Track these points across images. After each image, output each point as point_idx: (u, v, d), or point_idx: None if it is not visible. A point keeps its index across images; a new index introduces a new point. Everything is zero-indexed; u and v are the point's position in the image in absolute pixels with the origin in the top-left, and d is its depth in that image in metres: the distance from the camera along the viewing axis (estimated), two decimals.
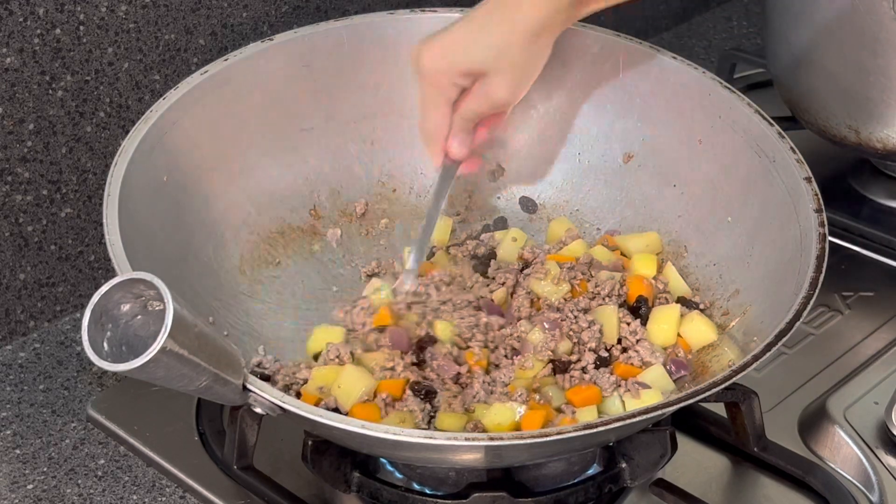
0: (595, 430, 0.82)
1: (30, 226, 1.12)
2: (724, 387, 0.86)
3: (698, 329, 1.04)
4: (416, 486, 0.96)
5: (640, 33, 1.18)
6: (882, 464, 0.99)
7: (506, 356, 1.03)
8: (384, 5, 1.31)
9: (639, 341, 1.04)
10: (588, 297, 1.07)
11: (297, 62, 1.14)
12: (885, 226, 1.29)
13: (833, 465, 1.01)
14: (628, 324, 1.05)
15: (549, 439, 0.81)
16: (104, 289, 0.78)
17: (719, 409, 1.02)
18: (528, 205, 1.20)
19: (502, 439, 0.82)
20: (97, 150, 1.14)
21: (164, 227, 1.01)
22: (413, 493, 0.95)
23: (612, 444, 0.96)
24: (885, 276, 1.24)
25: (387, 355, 1.01)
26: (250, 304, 1.07)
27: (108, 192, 0.94)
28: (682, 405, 0.85)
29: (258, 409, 0.86)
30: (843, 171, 1.38)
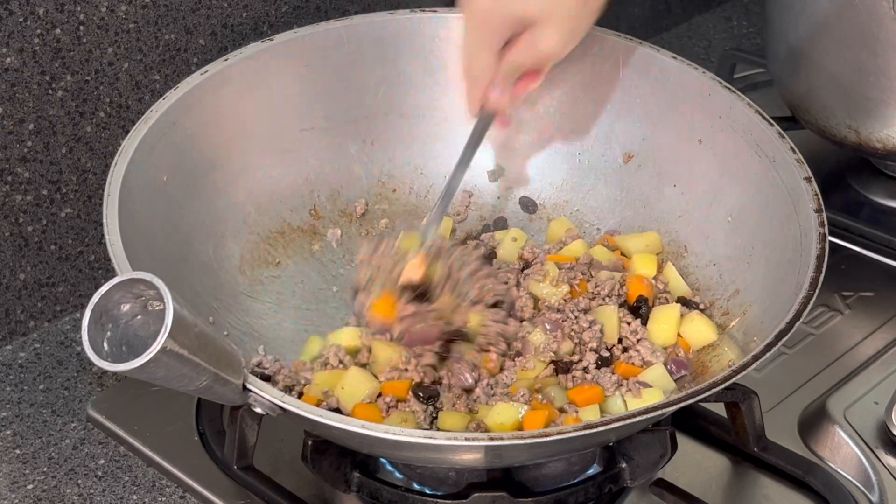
0: (595, 430, 0.81)
1: (30, 226, 1.12)
2: (724, 387, 0.86)
3: (698, 329, 1.04)
4: (416, 486, 0.96)
5: (640, 33, 1.18)
6: (882, 464, 0.99)
7: (508, 357, 1.03)
8: (384, 5, 1.31)
9: (639, 341, 1.04)
10: (588, 297, 1.07)
11: (297, 62, 1.14)
12: (885, 226, 1.29)
13: (833, 465, 1.01)
14: (629, 324, 1.05)
15: (549, 439, 0.81)
16: (104, 289, 0.77)
17: (719, 409, 1.02)
18: (528, 205, 1.20)
19: (502, 439, 0.82)
20: (97, 150, 1.14)
21: (164, 227, 1.01)
22: (413, 493, 0.95)
23: (612, 444, 0.96)
24: (885, 276, 1.24)
25: (401, 355, 1.00)
26: (250, 304, 1.07)
27: (108, 192, 0.94)
28: (682, 405, 0.85)
29: (258, 409, 0.86)
30: (843, 171, 1.38)
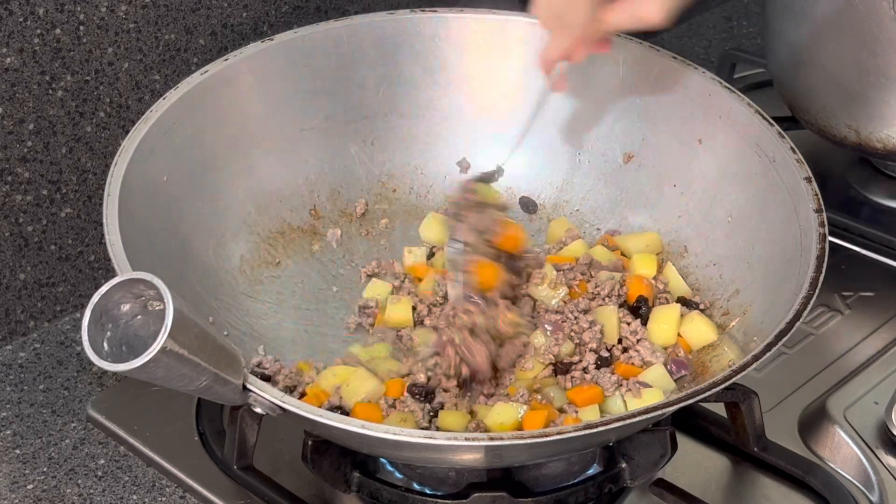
0: (595, 430, 0.81)
1: (30, 226, 1.12)
2: (724, 387, 0.86)
3: (698, 329, 1.04)
4: (416, 486, 0.96)
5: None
6: (882, 464, 0.99)
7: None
8: (384, 5, 1.31)
9: (639, 341, 1.04)
10: (588, 297, 1.07)
11: (297, 62, 1.14)
12: (885, 226, 1.29)
13: (833, 465, 1.01)
14: (628, 324, 1.05)
15: (549, 439, 0.81)
16: (104, 289, 0.77)
17: (719, 409, 1.02)
18: (528, 205, 1.20)
19: (502, 439, 0.82)
20: (97, 150, 1.14)
21: (164, 227, 1.01)
22: (413, 493, 0.95)
23: (612, 444, 0.96)
24: (885, 276, 1.24)
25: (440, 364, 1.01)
26: (250, 304, 1.07)
27: (108, 192, 0.95)
28: (682, 405, 0.85)
29: (258, 409, 0.86)
30: (843, 171, 1.38)
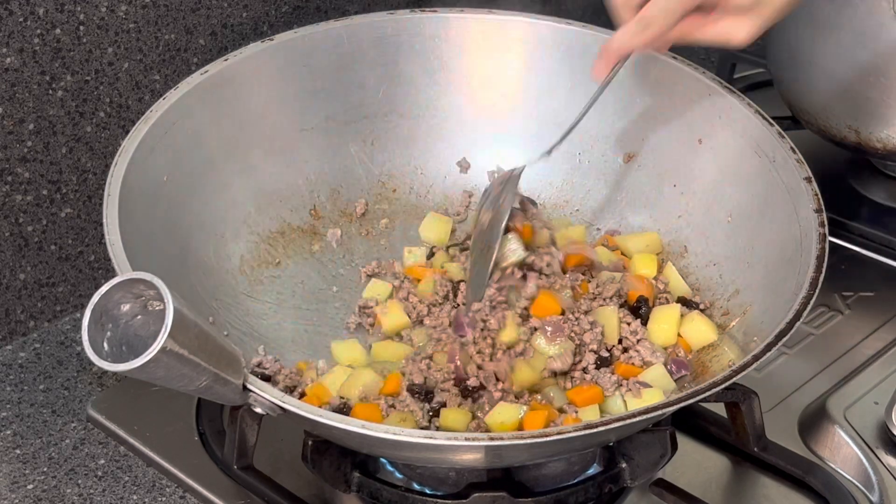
0: (595, 430, 0.81)
1: (30, 226, 1.12)
2: (724, 387, 0.86)
3: (698, 329, 1.04)
4: (416, 486, 0.96)
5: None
6: (882, 464, 0.99)
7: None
8: (384, 5, 1.31)
9: (639, 341, 1.04)
10: (589, 297, 1.07)
11: (297, 62, 1.14)
12: (885, 226, 1.29)
13: (833, 465, 1.01)
14: (629, 324, 1.05)
15: (549, 439, 0.81)
16: (104, 289, 0.77)
17: (719, 409, 1.02)
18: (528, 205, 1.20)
19: (502, 439, 0.82)
20: (97, 150, 1.14)
21: (164, 226, 1.01)
22: (413, 493, 0.95)
23: (612, 444, 0.96)
24: (885, 276, 1.24)
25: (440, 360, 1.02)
26: (250, 304, 1.07)
27: (108, 192, 0.94)
28: (682, 405, 0.85)
29: (258, 409, 0.86)
30: (843, 171, 1.38)
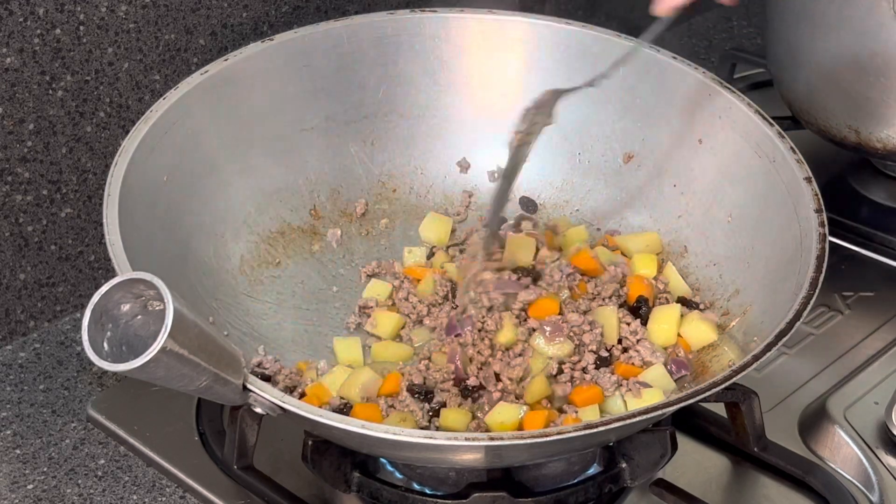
0: (595, 430, 0.81)
1: (30, 226, 1.12)
2: (724, 387, 0.86)
3: (698, 329, 1.04)
4: (416, 486, 0.96)
5: (640, 33, 1.18)
6: (882, 464, 0.99)
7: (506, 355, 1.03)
8: (384, 5, 1.31)
9: (639, 341, 1.04)
10: (588, 297, 1.07)
11: (297, 62, 1.14)
12: (885, 226, 1.29)
13: (833, 465, 1.00)
14: (628, 324, 1.05)
15: (549, 439, 0.81)
16: (104, 289, 0.77)
17: (719, 409, 1.02)
18: (528, 205, 1.20)
19: (502, 439, 0.82)
20: (97, 150, 1.14)
21: (164, 227, 1.01)
22: (413, 493, 0.95)
23: (612, 444, 0.96)
24: (885, 276, 1.24)
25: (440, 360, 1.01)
26: (250, 304, 1.07)
27: (108, 192, 0.94)
28: (682, 405, 0.85)
29: (258, 409, 0.86)
30: (843, 171, 1.38)
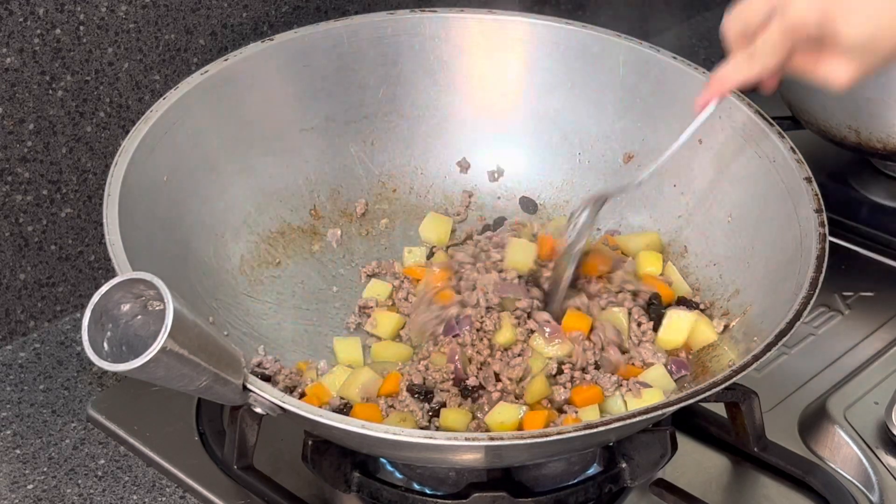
0: (595, 430, 0.81)
1: (30, 226, 1.12)
2: (724, 387, 0.86)
3: (698, 329, 1.04)
4: (416, 486, 0.96)
5: (640, 33, 1.18)
6: (882, 464, 0.99)
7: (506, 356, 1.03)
8: (384, 5, 1.31)
9: (640, 342, 1.03)
10: (602, 299, 1.06)
11: (297, 62, 1.14)
12: (885, 226, 1.29)
13: (833, 465, 1.00)
14: (639, 325, 1.05)
15: (549, 439, 0.81)
16: (104, 289, 0.77)
17: (719, 409, 1.02)
18: (528, 205, 1.20)
19: (502, 439, 0.82)
20: (97, 150, 1.14)
21: (164, 227, 1.01)
22: (413, 493, 0.95)
23: (612, 444, 0.96)
24: (885, 276, 1.24)
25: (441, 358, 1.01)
26: (250, 304, 1.07)
27: (108, 192, 0.95)
28: (682, 405, 0.85)
29: (258, 409, 0.86)
30: (843, 171, 1.38)
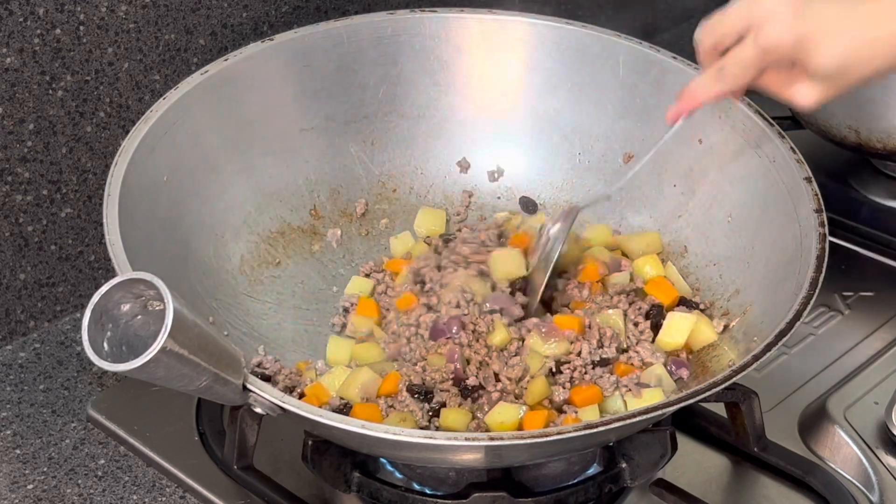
0: (595, 430, 0.81)
1: (30, 226, 1.12)
2: (724, 387, 0.86)
3: (698, 329, 1.04)
4: (416, 486, 0.96)
5: (640, 33, 1.18)
6: (882, 464, 0.99)
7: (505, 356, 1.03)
8: (384, 5, 1.31)
9: (639, 342, 1.03)
10: (598, 300, 1.06)
11: (297, 62, 1.14)
12: (885, 226, 1.29)
13: (833, 465, 1.00)
14: (636, 325, 1.05)
15: (549, 439, 0.81)
16: (104, 289, 0.77)
17: (719, 409, 1.02)
18: (528, 205, 1.20)
19: (502, 439, 0.82)
20: (97, 150, 1.14)
21: (164, 227, 1.01)
22: (413, 493, 0.95)
23: (612, 444, 0.96)
24: (885, 276, 1.24)
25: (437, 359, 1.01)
26: (250, 304, 1.07)
27: (108, 192, 0.95)
28: (682, 405, 0.85)
29: (258, 409, 0.86)
30: (843, 171, 1.38)
